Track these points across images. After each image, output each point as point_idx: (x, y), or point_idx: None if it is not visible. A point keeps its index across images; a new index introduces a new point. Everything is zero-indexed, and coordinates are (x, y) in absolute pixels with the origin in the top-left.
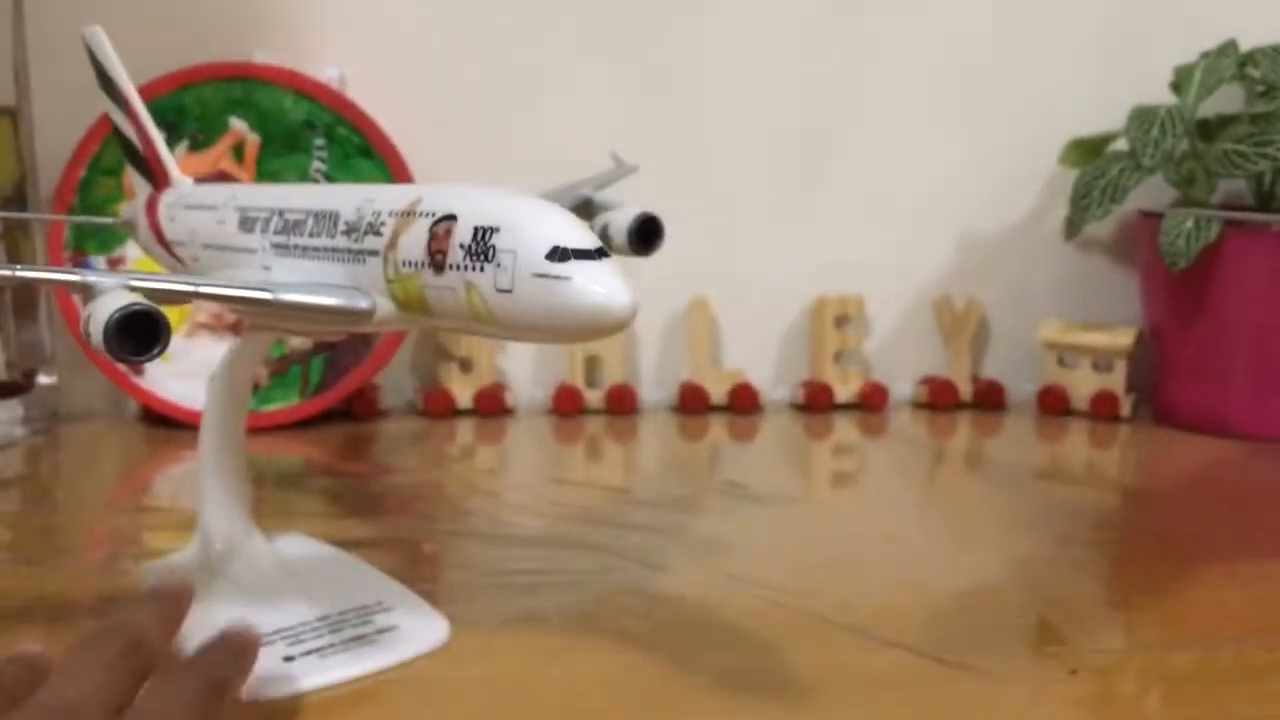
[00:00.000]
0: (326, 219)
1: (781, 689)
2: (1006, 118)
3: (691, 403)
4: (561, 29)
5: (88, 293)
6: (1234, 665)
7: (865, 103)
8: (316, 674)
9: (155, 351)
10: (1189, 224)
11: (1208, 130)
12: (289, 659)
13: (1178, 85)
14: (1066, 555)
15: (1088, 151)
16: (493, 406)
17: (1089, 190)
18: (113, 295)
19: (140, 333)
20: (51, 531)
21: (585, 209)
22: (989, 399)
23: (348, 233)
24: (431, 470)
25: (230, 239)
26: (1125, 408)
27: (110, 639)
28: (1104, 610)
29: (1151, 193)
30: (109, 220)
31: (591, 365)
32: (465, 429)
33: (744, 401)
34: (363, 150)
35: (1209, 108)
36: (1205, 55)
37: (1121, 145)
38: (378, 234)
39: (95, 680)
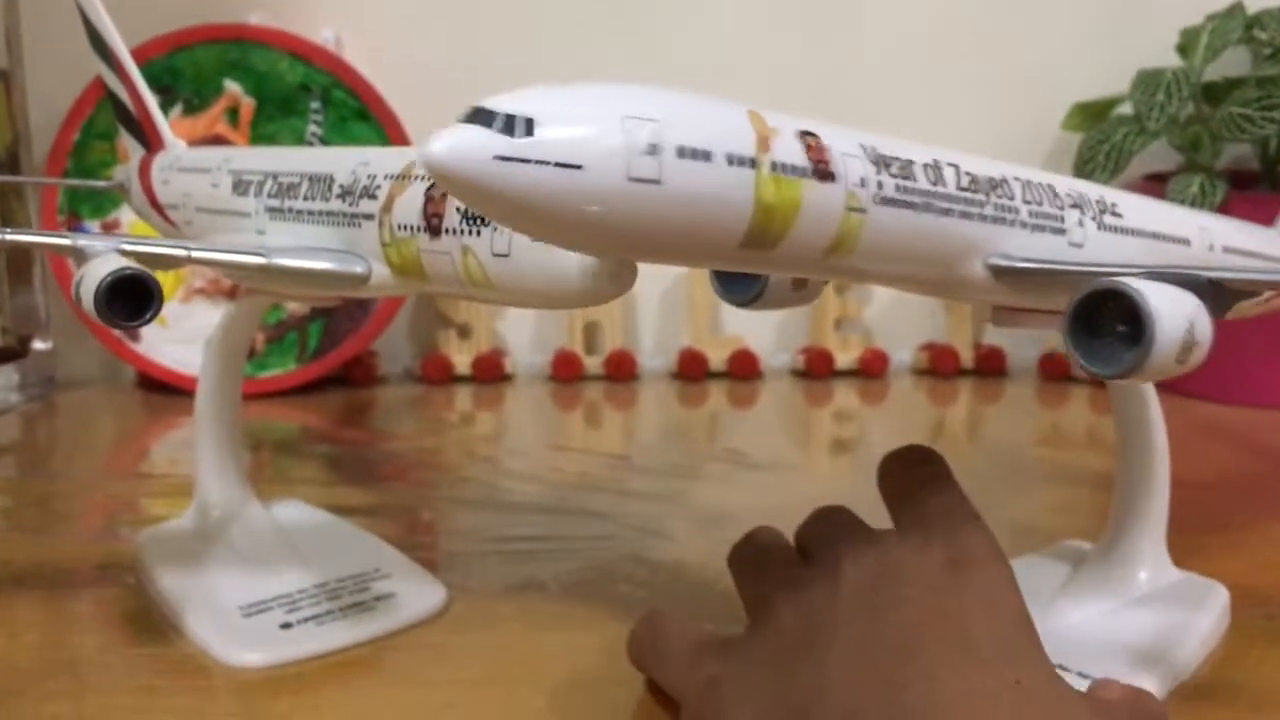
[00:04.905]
0: (321, 182)
1: None
2: (1009, 82)
3: (691, 369)
4: None
5: (79, 256)
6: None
7: (866, 69)
8: (314, 641)
9: (147, 316)
10: (1194, 188)
11: (1214, 94)
12: (286, 626)
13: (1183, 48)
14: (1068, 524)
15: (1092, 116)
16: (491, 373)
17: (1093, 155)
18: (104, 259)
19: (132, 297)
20: (48, 499)
21: None
22: (990, 365)
23: (342, 196)
24: (430, 437)
25: (224, 202)
26: None
27: None
28: None
29: (1156, 158)
30: (102, 183)
31: (591, 331)
32: (464, 395)
33: (744, 368)
34: (359, 113)
35: (1215, 71)
36: (1211, 17)
37: (1126, 109)
38: (373, 197)
39: None
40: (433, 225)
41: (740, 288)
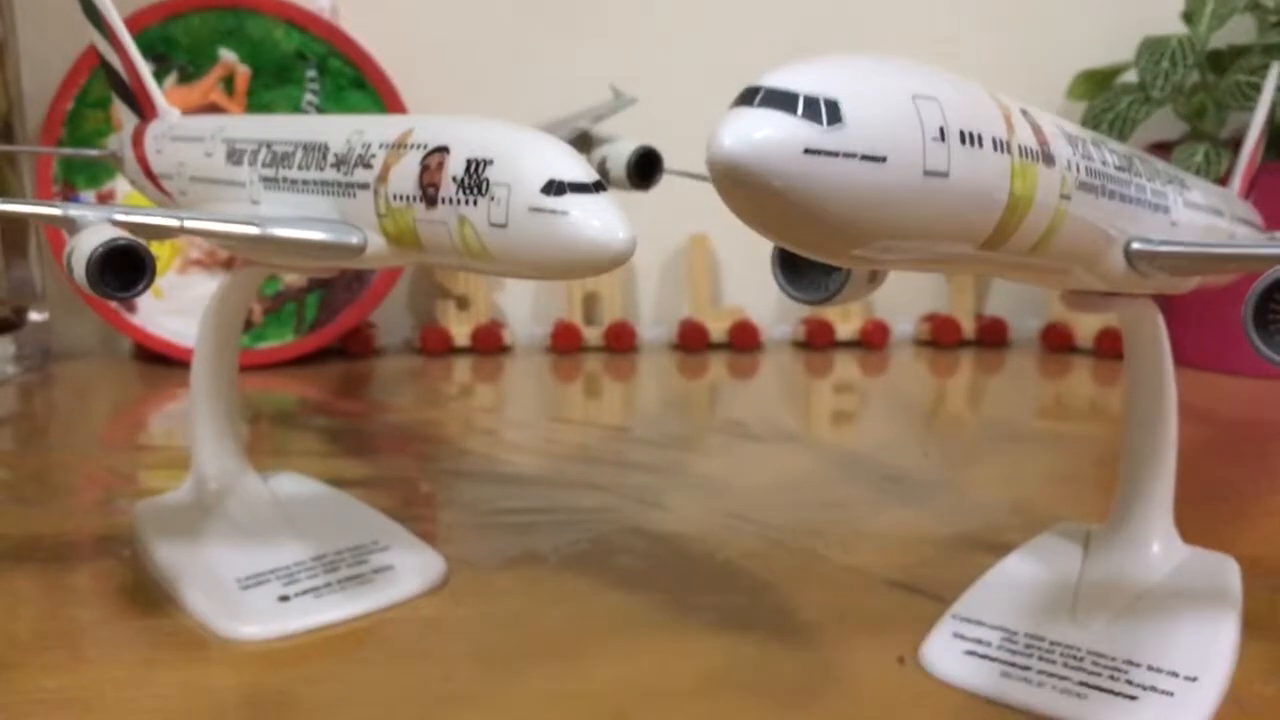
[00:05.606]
0: (315, 151)
1: (781, 628)
2: (1013, 49)
3: (691, 340)
4: None
5: (71, 227)
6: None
7: (869, 31)
8: (312, 614)
9: (140, 288)
10: (1199, 157)
11: (1219, 61)
12: (284, 599)
13: (1189, 15)
14: (1069, 495)
15: (1096, 83)
16: (490, 344)
17: (1097, 124)
18: (95, 230)
19: (125, 268)
20: (45, 470)
21: (583, 142)
22: (992, 336)
23: (337, 165)
24: (428, 408)
25: (218, 172)
26: None
27: None
28: None
29: (1160, 126)
30: (95, 152)
31: (590, 302)
32: (463, 367)
33: (744, 339)
34: (356, 82)
35: (1220, 39)
36: None
37: (1131, 77)
38: (368, 167)
39: None
40: (429, 195)
41: (815, 285)
